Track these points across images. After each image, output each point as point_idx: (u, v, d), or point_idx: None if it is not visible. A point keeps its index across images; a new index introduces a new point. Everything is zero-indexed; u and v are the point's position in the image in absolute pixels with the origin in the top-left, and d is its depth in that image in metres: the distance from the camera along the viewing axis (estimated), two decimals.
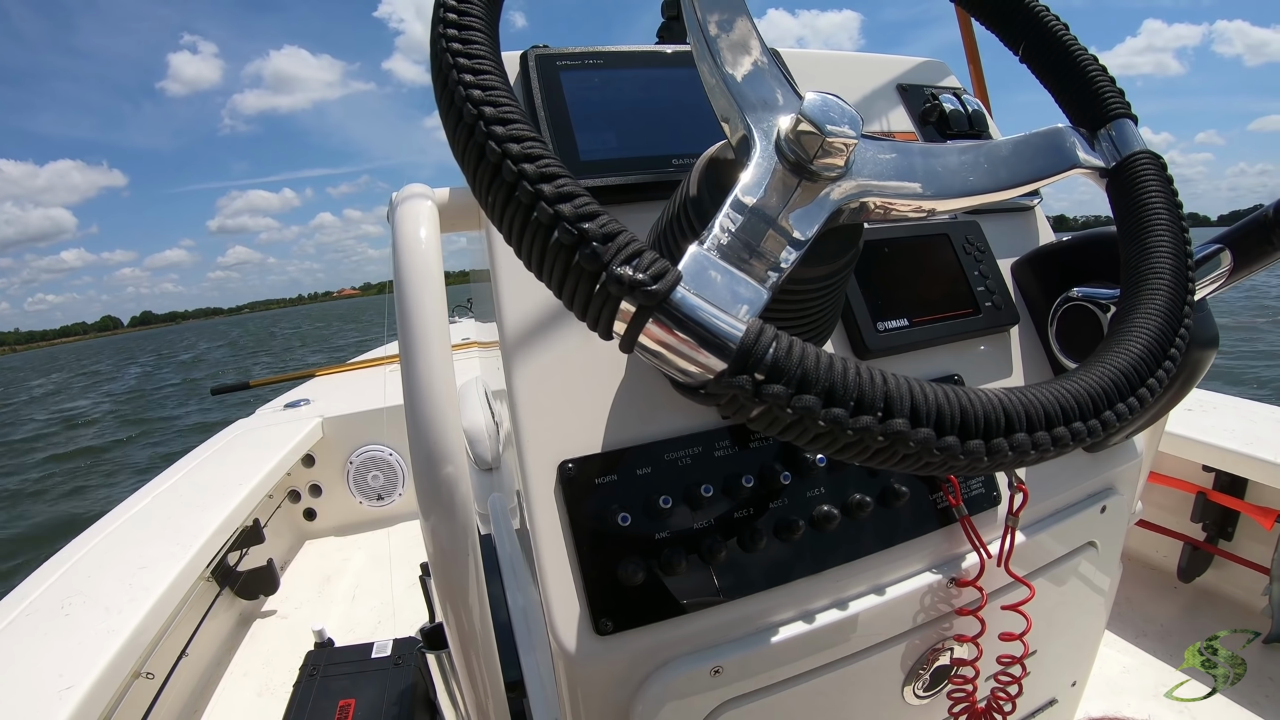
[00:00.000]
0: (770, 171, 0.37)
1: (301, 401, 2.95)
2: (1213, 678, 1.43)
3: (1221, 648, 1.49)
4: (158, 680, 1.46)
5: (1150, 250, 0.46)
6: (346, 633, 1.97)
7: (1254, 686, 1.40)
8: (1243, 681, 1.41)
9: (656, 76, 0.67)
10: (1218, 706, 1.36)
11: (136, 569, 1.44)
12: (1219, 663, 1.46)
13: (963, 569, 0.60)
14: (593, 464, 0.53)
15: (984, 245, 0.72)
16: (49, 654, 1.15)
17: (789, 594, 0.55)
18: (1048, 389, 0.35)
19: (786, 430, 0.30)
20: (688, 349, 0.29)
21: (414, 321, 0.51)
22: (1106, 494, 0.71)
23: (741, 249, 0.34)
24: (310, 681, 1.34)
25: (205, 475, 2.10)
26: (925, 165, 0.43)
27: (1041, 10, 0.56)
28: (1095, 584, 0.75)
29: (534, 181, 0.31)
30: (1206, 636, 1.52)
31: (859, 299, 0.64)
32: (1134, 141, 0.52)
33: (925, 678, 0.62)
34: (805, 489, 0.56)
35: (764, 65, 0.42)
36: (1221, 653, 1.48)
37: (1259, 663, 1.46)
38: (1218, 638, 1.51)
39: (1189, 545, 1.72)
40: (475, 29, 0.37)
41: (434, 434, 0.48)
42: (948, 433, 0.30)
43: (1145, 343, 0.40)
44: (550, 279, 0.31)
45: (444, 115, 0.35)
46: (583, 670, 0.50)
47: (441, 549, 0.49)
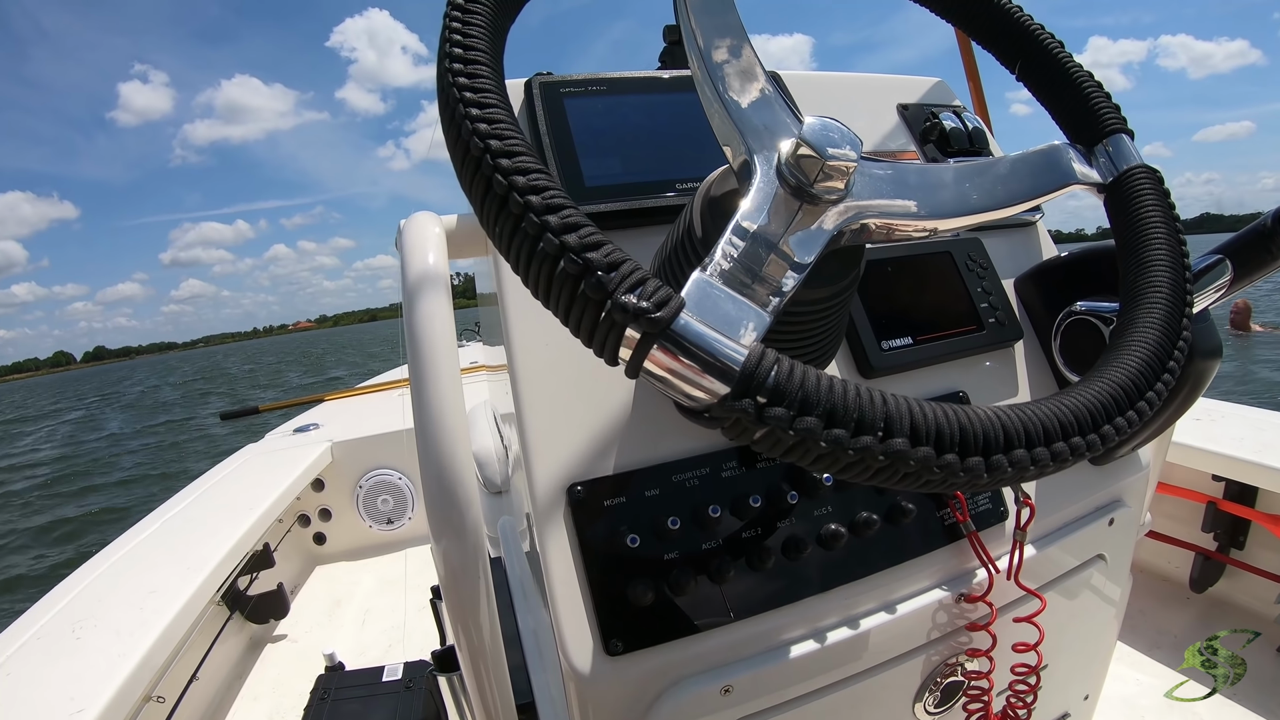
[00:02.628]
0: (771, 196, 0.38)
1: (310, 426, 2.95)
2: (1212, 678, 1.42)
3: (1222, 648, 1.47)
4: (168, 704, 1.46)
5: (1148, 264, 0.47)
6: (357, 656, 1.97)
7: (1269, 695, 1.38)
8: (1257, 690, 1.39)
9: (659, 102, 0.69)
10: (1234, 715, 1.35)
11: (147, 593, 1.44)
12: (1219, 663, 1.44)
13: (972, 585, 0.60)
14: (601, 486, 0.54)
15: (986, 262, 0.73)
16: (60, 677, 1.15)
17: (798, 612, 0.55)
18: (1046, 405, 0.35)
19: (789, 452, 0.30)
20: (692, 374, 0.30)
21: (423, 346, 0.51)
22: (1114, 506, 0.71)
23: (744, 274, 0.35)
24: (321, 705, 1.33)
25: (215, 499, 2.11)
26: (925, 185, 0.44)
27: (1037, 29, 0.57)
28: (1105, 596, 0.74)
29: (540, 213, 0.32)
30: (1191, 646, 1.51)
31: (863, 318, 0.64)
32: (1130, 156, 0.52)
33: (936, 694, 0.62)
34: (813, 508, 0.57)
35: (764, 89, 0.43)
36: (1221, 653, 1.46)
37: (1273, 671, 1.45)
38: (1218, 638, 1.50)
39: (1200, 555, 1.71)
40: (481, 63, 0.37)
41: (444, 456, 0.49)
42: (947, 450, 0.31)
43: (1144, 356, 0.40)
44: (557, 307, 0.32)
45: (451, 148, 0.36)
46: (594, 691, 0.51)
47: (453, 571, 0.50)
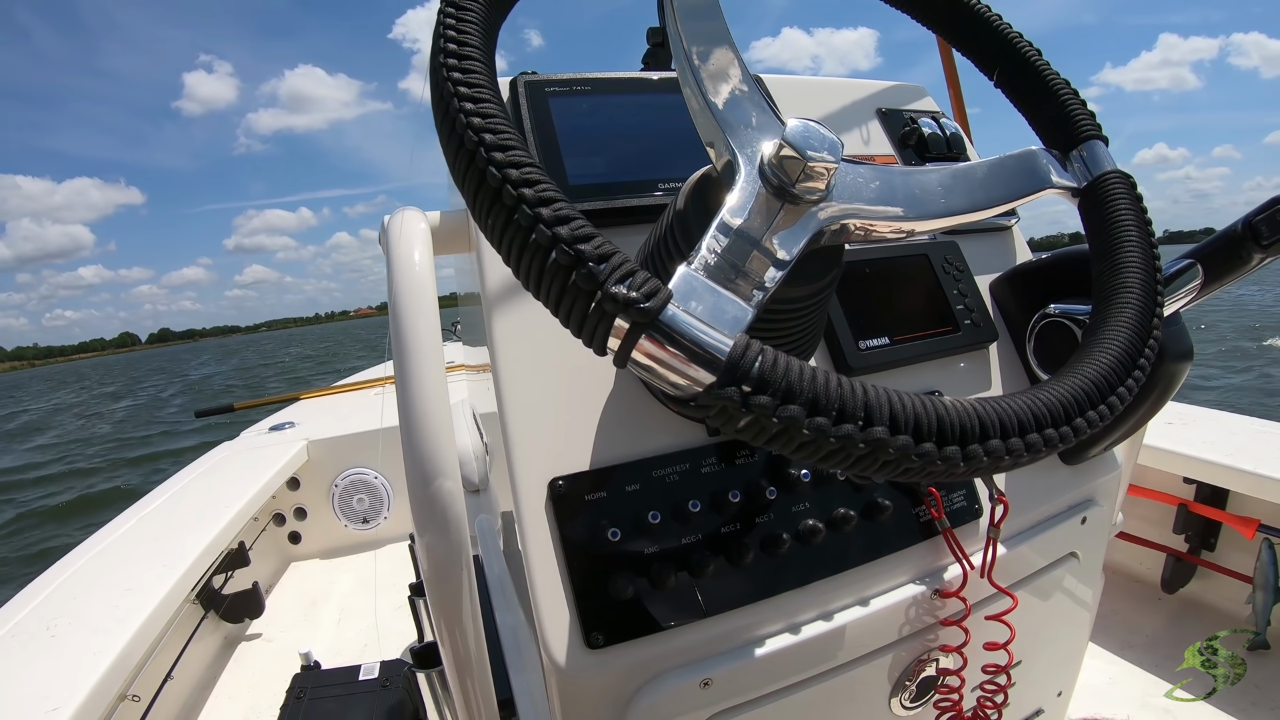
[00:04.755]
0: (754, 195, 0.39)
1: (286, 424, 2.92)
2: (1212, 678, 1.45)
3: (1222, 648, 1.50)
4: (143, 703, 1.44)
5: (1119, 266, 0.48)
6: (333, 655, 1.95)
7: (1239, 694, 1.41)
8: (1229, 689, 1.42)
9: (643, 102, 0.69)
10: (1205, 715, 1.37)
11: (123, 591, 1.42)
12: (1219, 663, 1.47)
13: (946, 580, 0.61)
14: (583, 481, 0.54)
15: (963, 265, 0.74)
16: (35, 675, 1.13)
17: (776, 607, 0.56)
18: (1021, 398, 0.36)
19: (773, 440, 0.31)
20: (678, 363, 0.30)
21: (409, 341, 0.51)
22: (1086, 505, 0.73)
23: (728, 269, 0.35)
24: (297, 704, 1.32)
25: (191, 498, 2.08)
26: (904, 188, 0.45)
27: (1015, 36, 0.58)
28: (1078, 594, 0.76)
29: (533, 205, 0.32)
30: (1190, 646, 1.53)
31: (841, 318, 0.65)
32: (1104, 162, 0.54)
33: (912, 689, 0.63)
34: (791, 504, 0.58)
35: (747, 92, 0.44)
36: (1221, 653, 1.49)
37: (1243, 670, 1.48)
38: (1218, 638, 1.53)
39: (1172, 557, 1.74)
40: (474, 58, 0.38)
41: (429, 450, 0.49)
42: (925, 439, 0.32)
43: (1115, 353, 0.42)
44: (547, 298, 0.33)
45: (444, 141, 0.36)
46: (574, 684, 0.51)
47: (436, 565, 0.50)
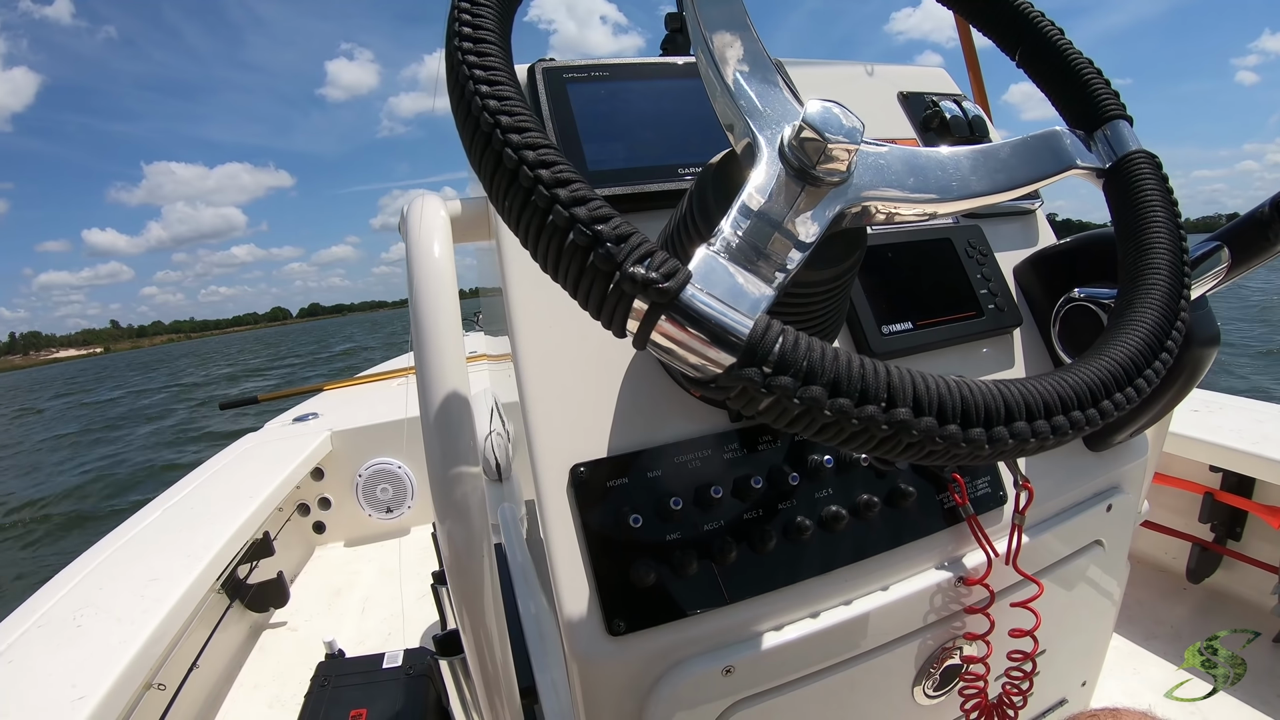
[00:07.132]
0: (775, 177, 0.38)
1: (310, 415, 2.96)
2: (1213, 677, 1.43)
3: (1222, 647, 1.48)
4: (169, 691, 1.47)
5: (1145, 247, 0.47)
6: (357, 644, 1.97)
7: (1266, 686, 1.39)
8: (1254, 681, 1.40)
9: (661, 88, 0.69)
10: (1228, 707, 1.36)
11: (148, 581, 1.44)
12: (1219, 662, 1.45)
13: (970, 568, 0.61)
14: (604, 467, 0.54)
15: (986, 248, 0.73)
16: (62, 664, 1.15)
17: (799, 594, 0.55)
18: (1046, 380, 0.35)
19: (795, 421, 0.30)
20: (698, 344, 0.30)
21: (428, 329, 0.52)
22: (1112, 493, 0.72)
23: (749, 251, 0.35)
24: (322, 692, 1.34)
25: (215, 488, 2.11)
26: (926, 169, 0.44)
27: (1037, 16, 0.57)
28: (1102, 583, 0.75)
29: (550, 186, 0.32)
30: (1190, 646, 1.51)
31: (863, 303, 0.65)
32: (1129, 142, 0.52)
33: (935, 677, 0.63)
34: (813, 490, 0.57)
35: (767, 75, 0.43)
36: (1222, 652, 1.47)
37: (1269, 662, 1.45)
38: (1218, 637, 1.51)
39: (1197, 546, 1.72)
40: (489, 41, 0.38)
41: (450, 438, 0.49)
42: (950, 421, 0.31)
43: (1141, 335, 0.41)
44: (565, 280, 0.32)
45: (460, 124, 0.36)
46: (596, 671, 0.51)
47: (457, 552, 0.50)
